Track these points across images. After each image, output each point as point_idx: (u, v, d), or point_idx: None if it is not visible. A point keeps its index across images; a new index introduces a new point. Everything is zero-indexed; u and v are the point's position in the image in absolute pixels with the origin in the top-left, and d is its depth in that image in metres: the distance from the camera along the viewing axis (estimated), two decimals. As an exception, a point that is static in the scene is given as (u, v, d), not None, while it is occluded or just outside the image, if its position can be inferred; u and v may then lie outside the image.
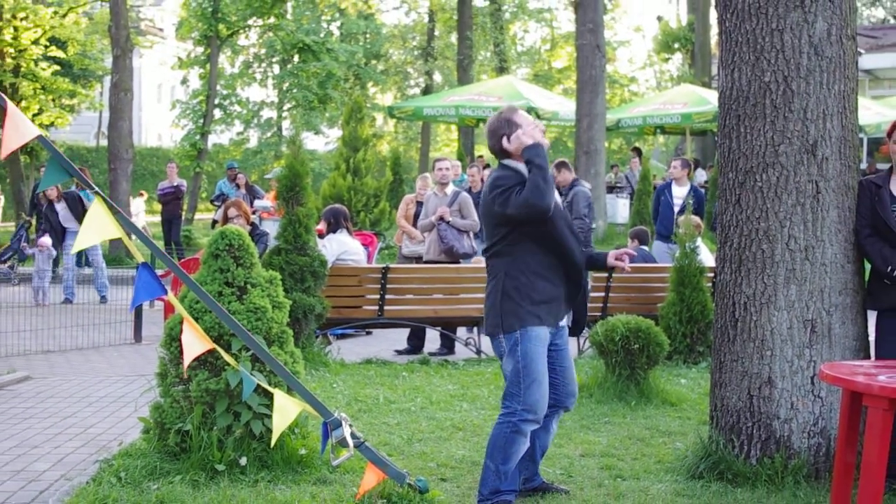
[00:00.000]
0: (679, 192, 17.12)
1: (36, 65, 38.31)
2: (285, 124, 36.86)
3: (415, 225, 15.22)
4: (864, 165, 26.99)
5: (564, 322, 6.96)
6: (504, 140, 6.82)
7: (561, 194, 16.27)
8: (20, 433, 9.19)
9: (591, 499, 7.14)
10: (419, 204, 15.21)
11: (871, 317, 7.66)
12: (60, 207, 19.72)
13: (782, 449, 7.33)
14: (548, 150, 6.93)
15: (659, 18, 46.72)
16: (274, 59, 37.31)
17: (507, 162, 6.89)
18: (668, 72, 49.73)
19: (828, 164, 7.36)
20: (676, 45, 41.22)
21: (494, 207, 6.73)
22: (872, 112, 27.38)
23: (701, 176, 27.28)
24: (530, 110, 21.30)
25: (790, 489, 7.16)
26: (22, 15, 37.75)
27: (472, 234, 14.09)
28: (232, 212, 13.23)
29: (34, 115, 34.83)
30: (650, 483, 7.51)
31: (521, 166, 6.79)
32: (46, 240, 19.96)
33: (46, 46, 39.25)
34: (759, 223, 7.40)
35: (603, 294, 13.10)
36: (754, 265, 7.42)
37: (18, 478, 7.83)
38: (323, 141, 41.30)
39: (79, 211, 19.24)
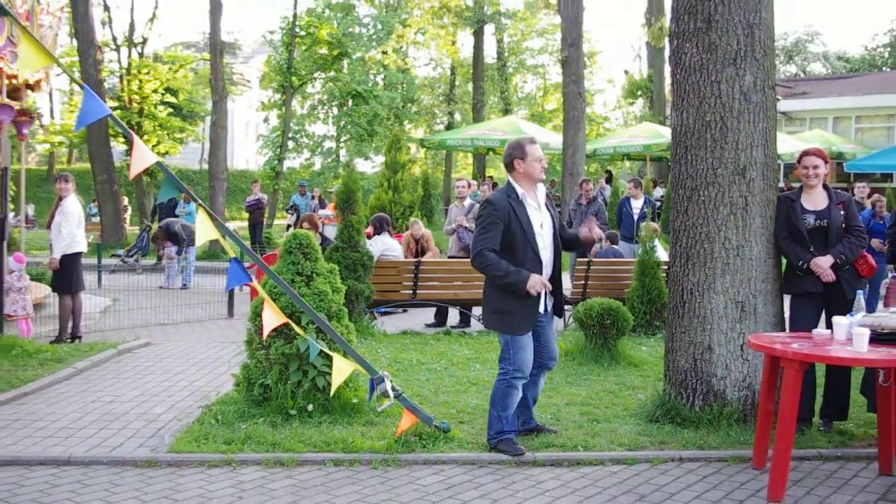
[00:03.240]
0: (636, 204, 17.59)
1: (155, 108, 38.50)
2: (342, 152, 36.84)
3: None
4: (781, 185, 26.84)
5: (548, 305, 6.94)
6: (516, 161, 6.82)
7: (587, 202, 16.48)
8: (143, 385, 9.23)
9: (574, 437, 7.13)
10: (416, 242, 15.00)
11: (787, 300, 7.65)
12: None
13: (719, 399, 7.33)
14: (545, 171, 6.93)
15: (626, 72, 46.52)
16: (333, 103, 37.25)
17: (511, 179, 6.87)
18: (633, 113, 49.54)
19: (754, 183, 7.36)
20: (639, 93, 41.11)
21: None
22: (787, 144, 27.32)
23: (658, 192, 27.18)
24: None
25: (724, 430, 7.17)
26: (145, 71, 37.93)
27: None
28: (305, 224, 13.34)
29: (153, 146, 34.94)
30: (619, 425, 7.51)
31: (518, 185, 6.78)
32: (171, 249, 20.02)
33: (163, 94, 39.42)
34: (702, 228, 7.40)
35: (583, 282, 13.08)
36: (698, 260, 7.42)
37: (142, 419, 7.87)
38: (370, 165, 41.30)
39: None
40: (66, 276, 12.20)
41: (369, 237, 13.50)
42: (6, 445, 7.08)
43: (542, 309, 6.83)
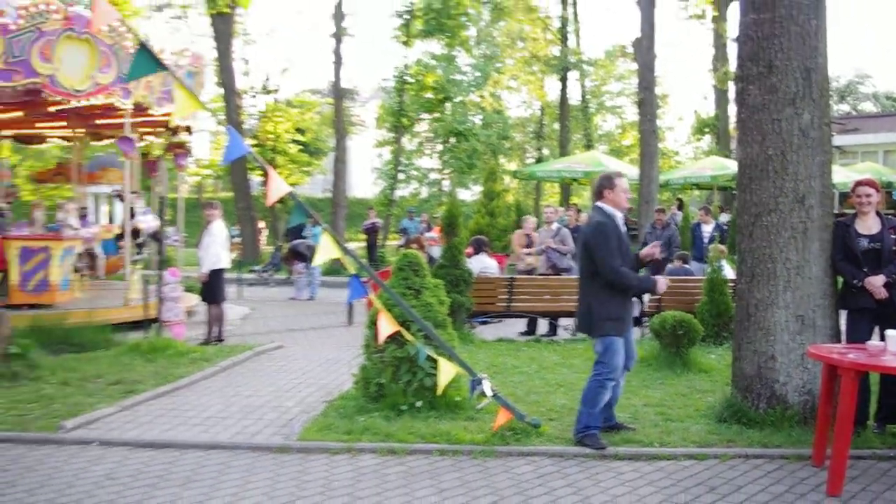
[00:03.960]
0: (706, 229, 17.40)
1: (286, 145, 39.16)
2: (445, 183, 36.93)
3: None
4: (836, 211, 26.06)
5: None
6: (605, 191, 6.83)
7: (661, 227, 16.23)
8: (276, 382, 9.37)
9: (651, 434, 7.02)
10: (528, 236, 15.03)
11: (843, 315, 7.42)
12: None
13: (781, 403, 7.13)
14: (628, 201, 6.91)
15: (695, 112, 45.83)
16: (438, 140, 37.38)
17: (600, 204, 6.86)
18: (701, 147, 48.66)
19: (812, 210, 7.16)
20: (706, 129, 40.38)
21: (591, 242, 6.70)
22: (842, 175, 26.51)
23: (724, 217, 26.61)
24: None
25: (786, 430, 6.96)
26: (278, 114, 38.67)
27: (569, 256, 13.97)
28: (414, 245, 13.42)
29: (285, 178, 35.52)
30: (691, 424, 7.35)
31: (610, 209, 6.75)
32: (300, 265, 20.30)
33: (293, 133, 40.10)
34: (765, 250, 7.23)
35: (658, 297, 12.86)
36: (762, 278, 7.24)
37: (275, 411, 7.99)
38: (469, 193, 41.37)
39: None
40: (212, 288, 12.49)
41: (469, 256, 13.48)
42: (163, 430, 7.26)
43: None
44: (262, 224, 33.95)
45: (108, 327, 12.07)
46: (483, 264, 13.63)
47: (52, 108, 14.50)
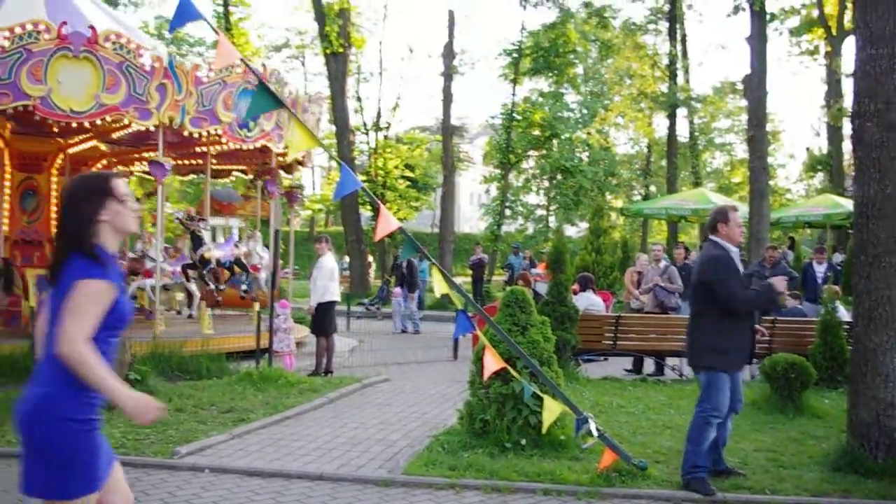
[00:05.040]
0: (819, 269, 16.78)
1: (396, 181, 39.72)
2: (551, 219, 36.78)
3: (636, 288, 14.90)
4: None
5: None
6: (719, 225, 6.69)
7: (771, 266, 15.66)
8: (382, 415, 9.40)
9: (762, 480, 6.76)
10: (639, 273, 14.88)
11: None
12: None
13: (901, 452, 6.79)
14: (742, 236, 6.74)
15: (807, 149, 44.63)
16: (544, 177, 37.31)
17: (714, 238, 6.70)
18: (813, 185, 47.27)
19: (936, 251, 6.84)
20: (819, 167, 39.23)
21: (707, 274, 6.54)
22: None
23: (837, 258, 25.72)
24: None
25: (907, 481, 6.61)
26: (389, 150, 39.29)
27: (677, 294, 13.68)
28: (521, 282, 13.36)
29: (394, 213, 35.96)
30: (804, 472, 7.05)
31: (725, 243, 6.60)
32: (398, 290, 20.50)
33: (402, 169, 40.67)
34: (884, 291, 6.92)
35: (769, 338, 12.45)
36: (880, 321, 6.93)
37: (381, 444, 8.00)
38: (575, 230, 41.07)
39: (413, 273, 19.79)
40: (321, 321, 12.67)
41: (575, 293, 13.35)
42: (272, 460, 7.34)
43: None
44: (371, 258, 34.39)
45: (222, 356, 12.36)
46: (589, 301, 13.47)
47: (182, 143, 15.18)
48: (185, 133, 13.28)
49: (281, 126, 14.37)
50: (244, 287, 16.99)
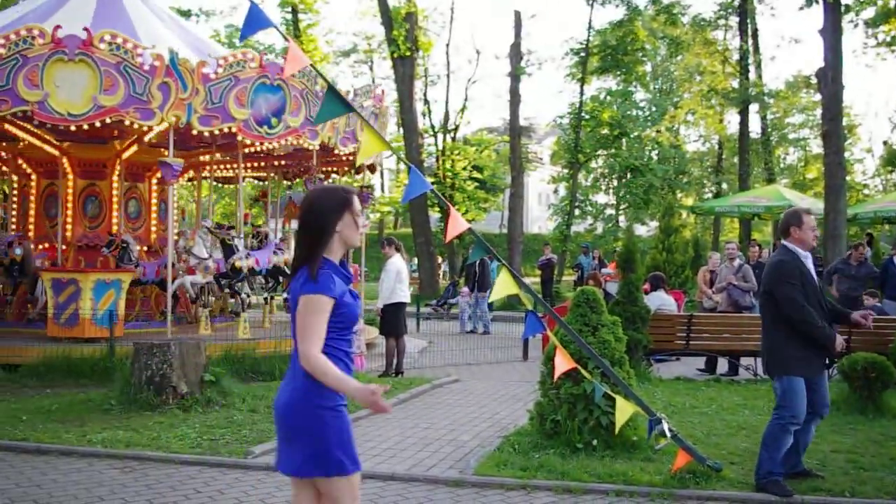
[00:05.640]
0: None
1: (464, 182, 39.76)
2: (621, 218, 36.45)
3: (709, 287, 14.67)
4: None
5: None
6: (792, 228, 6.51)
7: (857, 264, 15.18)
8: (452, 415, 9.41)
9: (841, 483, 6.58)
10: (712, 272, 14.65)
11: None
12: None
13: None
14: (816, 239, 6.53)
15: (884, 143, 43.46)
16: (614, 176, 37.02)
17: (786, 243, 6.53)
18: (892, 179, 46.01)
19: None
20: (898, 161, 38.26)
21: (771, 280, 6.40)
22: None
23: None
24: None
25: None
26: (456, 152, 39.37)
27: (751, 293, 13.42)
28: (591, 282, 13.24)
29: (462, 214, 35.99)
30: (885, 474, 6.85)
31: (794, 248, 6.43)
32: (466, 290, 20.48)
33: (470, 171, 40.70)
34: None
35: (847, 337, 12.11)
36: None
37: (451, 444, 8.00)
38: (646, 229, 40.64)
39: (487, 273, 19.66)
40: (389, 322, 12.74)
41: (646, 293, 13.19)
42: (343, 461, 7.38)
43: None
44: (440, 259, 34.46)
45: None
46: (661, 301, 13.29)
47: (245, 150, 15.29)
48: (194, 132, 12.98)
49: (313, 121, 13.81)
50: (285, 295, 16.64)
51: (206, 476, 6.91)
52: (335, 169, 18.74)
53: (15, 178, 16.92)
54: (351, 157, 16.27)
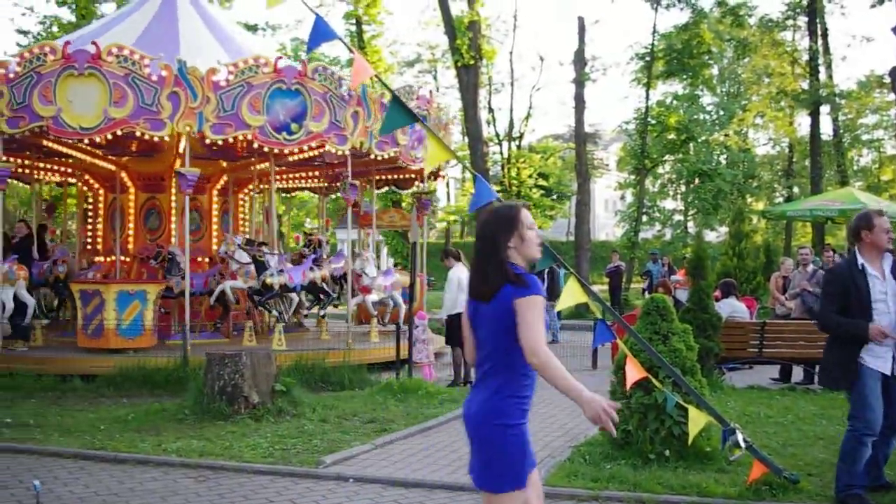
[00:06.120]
0: None
1: (530, 190, 39.68)
2: (690, 224, 35.95)
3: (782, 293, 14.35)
4: None
5: (894, 368, 6.21)
6: (863, 232, 6.28)
7: None
8: (521, 426, 9.33)
9: (926, 495, 6.36)
10: (785, 278, 14.34)
11: None
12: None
13: None
14: (891, 241, 6.29)
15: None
16: (682, 181, 36.54)
17: (856, 249, 6.33)
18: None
19: None
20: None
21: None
22: None
23: None
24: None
25: None
26: (522, 160, 39.31)
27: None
28: (661, 289, 13.07)
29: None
30: (972, 486, 6.60)
31: (860, 258, 6.23)
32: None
33: (536, 178, 40.58)
34: None
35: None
36: None
37: (520, 455, 7.94)
38: (715, 235, 40.03)
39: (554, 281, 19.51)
40: (452, 332, 12.73)
41: (717, 300, 12.96)
42: (414, 470, 7.39)
43: (888, 371, 6.15)
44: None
45: (363, 367, 12.55)
46: (732, 308, 13.05)
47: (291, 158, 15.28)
48: (207, 141, 12.96)
49: (341, 125, 13.54)
50: (322, 313, 16.32)
51: (278, 485, 6.96)
52: (401, 176, 18.68)
53: (87, 192, 17.38)
54: (403, 163, 15.75)
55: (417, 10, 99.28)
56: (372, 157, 14.65)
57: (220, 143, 13.18)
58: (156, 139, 12.98)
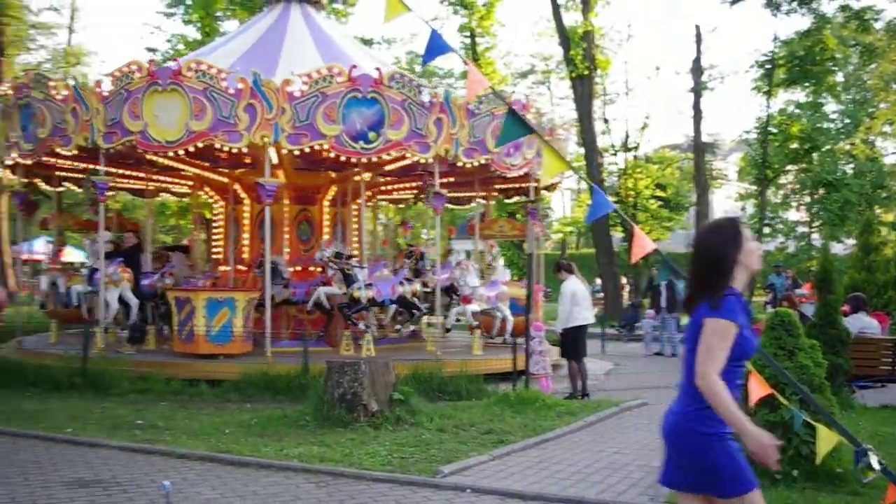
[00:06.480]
0: None
1: (647, 201, 39.08)
2: (814, 236, 34.76)
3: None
4: None
5: None
6: None
7: None
8: (641, 440, 9.18)
9: None
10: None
11: None
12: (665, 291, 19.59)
13: None
14: None
15: None
16: (805, 192, 35.40)
17: None
18: None
19: None
20: None
21: None
22: None
23: None
24: None
25: None
26: (638, 170, 38.77)
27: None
28: (786, 303, 12.67)
29: (647, 233, 35.23)
30: None
31: None
32: (651, 312, 20.06)
33: (653, 189, 39.94)
34: None
35: None
36: None
37: (641, 470, 7.81)
38: (842, 247, 38.58)
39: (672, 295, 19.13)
40: (568, 345, 12.66)
41: (846, 315, 12.46)
42: (532, 482, 7.34)
43: None
44: (624, 280, 33.90)
45: (479, 378, 12.56)
46: (862, 324, 12.52)
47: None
48: (284, 151, 13.18)
49: (422, 133, 13.35)
50: (411, 327, 16.20)
51: (396, 494, 7.02)
52: (510, 186, 18.50)
53: (222, 203, 17.82)
54: (496, 170, 15.46)
55: (531, 22, 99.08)
56: (459, 164, 14.35)
57: (323, 155, 13.43)
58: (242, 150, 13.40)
